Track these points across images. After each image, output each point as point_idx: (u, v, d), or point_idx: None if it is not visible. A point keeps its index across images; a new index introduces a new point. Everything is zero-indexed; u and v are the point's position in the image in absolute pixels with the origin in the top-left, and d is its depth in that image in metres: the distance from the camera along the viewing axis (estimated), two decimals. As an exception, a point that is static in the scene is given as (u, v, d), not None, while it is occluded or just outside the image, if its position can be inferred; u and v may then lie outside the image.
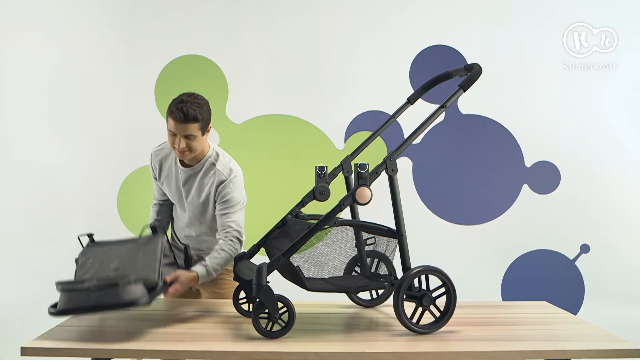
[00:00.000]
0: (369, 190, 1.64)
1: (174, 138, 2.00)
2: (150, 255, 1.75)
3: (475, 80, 1.74)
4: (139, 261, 1.73)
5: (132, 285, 1.59)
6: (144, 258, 1.74)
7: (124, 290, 1.56)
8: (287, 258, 1.59)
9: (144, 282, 1.64)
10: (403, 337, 1.62)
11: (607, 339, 1.66)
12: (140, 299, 1.58)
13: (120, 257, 1.76)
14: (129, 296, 1.56)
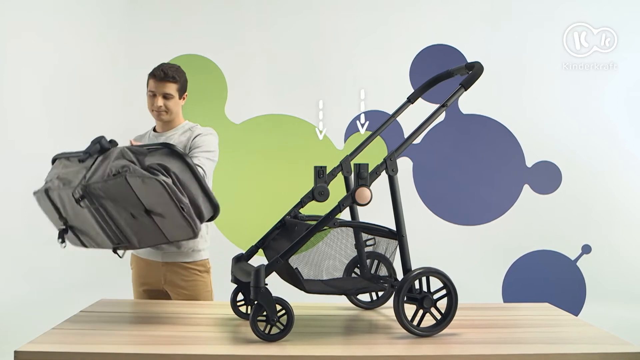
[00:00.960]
0: (369, 190, 1.62)
1: (153, 99, 2.20)
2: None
3: (477, 78, 1.71)
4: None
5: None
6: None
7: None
8: (285, 260, 1.56)
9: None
10: (404, 340, 1.60)
11: (611, 341, 1.63)
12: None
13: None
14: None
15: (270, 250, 1.79)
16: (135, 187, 1.61)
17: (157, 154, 1.72)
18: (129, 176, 1.60)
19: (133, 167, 1.63)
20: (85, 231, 1.81)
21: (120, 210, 1.67)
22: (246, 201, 3.54)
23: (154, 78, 2.22)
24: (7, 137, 3.73)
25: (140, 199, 1.63)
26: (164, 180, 1.62)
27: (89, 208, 1.68)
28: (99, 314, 1.83)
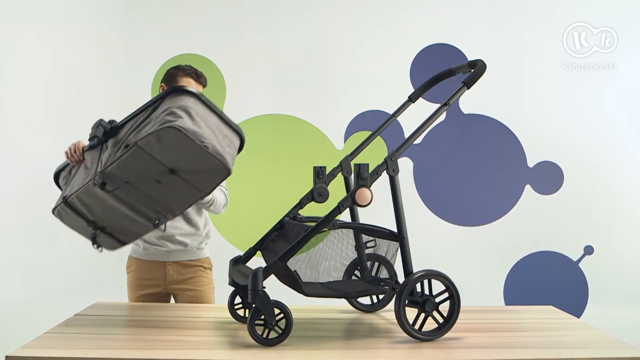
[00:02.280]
0: (369, 191, 1.59)
1: None
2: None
3: (480, 77, 1.68)
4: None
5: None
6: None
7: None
8: (284, 262, 1.53)
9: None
10: (405, 344, 1.57)
11: (616, 345, 1.60)
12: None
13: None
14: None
15: (269, 252, 1.76)
16: (151, 149, 1.51)
17: (164, 104, 1.62)
18: (140, 143, 1.51)
19: (138, 134, 1.56)
20: (119, 225, 1.71)
21: (146, 183, 1.59)
22: (244, 202, 3.51)
23: (192, 78, 2.22)
24: (5, 137, 3.71)
25: (161, 160, 1.54)
26: (177, 125, 1.50)
27: (114, 192, 1.59)
28: (94, 317, 1.79)
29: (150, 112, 1.66)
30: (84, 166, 1.74)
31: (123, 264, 3.67)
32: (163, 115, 1.56)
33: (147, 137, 1.51)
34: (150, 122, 1.59)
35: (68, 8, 3.78)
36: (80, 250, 3.68)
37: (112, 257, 3.67)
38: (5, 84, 3.71)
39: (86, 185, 1.63)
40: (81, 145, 1.79)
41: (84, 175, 1.69)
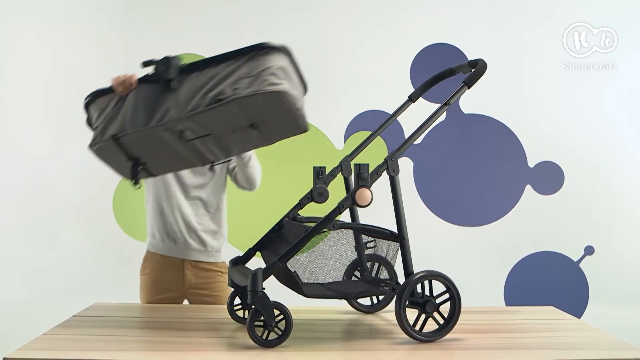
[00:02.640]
0: (370, 191, 1.58)
1: None
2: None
3: (480, 76, 1.67)
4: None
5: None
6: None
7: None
8: (283, 263, 1.52)
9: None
10: (405, 345, 1.56)
11: (617, 346, 1.59)
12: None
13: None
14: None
15: (268, 253, 1.75)
16: (247, 106, 1.51)
17: (259, 59, 1.56)
18: (239, 99, 1.48)
19: (235, 87, 1.50)
20: (167, 162, 1.71)
21: (223, 133, 1.60)
22: (244, 202, 3.49)
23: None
24: (5, 137, 3.70)
25: (251, 116, 1.55)
26: (283, 89, 1.50)
27: (190, 140, 1.58)
28: (92, 318, 1.78)
29: (240, 63, 1.57)
30: (134, 99, 1.61)
31: (123, 264, 3.68)
32: (265, 74, 1.52)
33: (251, 96, 1.48)
34: (247, 77, 1.53)
35: (68, 8, 3.77)
36: (80, 250, 3.70)
37: (112, 258, 3.69)
38: (5, 84, 3.70)
39: (153, 129, 1.55)
40: (135, 78, 1.65)
41: (141, 113, 1.57)
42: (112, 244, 3.71)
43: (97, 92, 1.67)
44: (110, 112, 1.62)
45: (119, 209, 3.73)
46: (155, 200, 2.20)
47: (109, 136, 1.59)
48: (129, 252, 3.69)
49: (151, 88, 1.60)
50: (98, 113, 1.65)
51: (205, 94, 1.52)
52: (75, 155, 3.75)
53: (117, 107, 1.62)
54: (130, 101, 1.61)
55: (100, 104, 1.65)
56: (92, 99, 1.66)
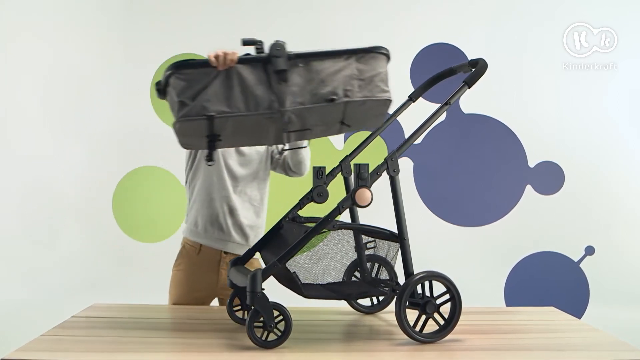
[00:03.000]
0: (370, 191, 1.57)
1: None
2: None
3: (481, 76, 1.66)
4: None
5: None
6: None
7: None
8: (283, 264, 1.51)
9: None
10: (405, 346, 1.55)
11: (619, 347, 1.58)
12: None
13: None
14: None
15: (268, 253, 1.74)
16: (352, 107, 1.55)
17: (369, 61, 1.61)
18: (350, 102, 1.53)
19: (347, 88, 1.54)
20: (239, 137, 1.70)
21: (316, 124, 1.63)
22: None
23: None
24: (5, 137, 3.70)
25: (350, 114, 1.59)
26: (390, 97, 1.57)
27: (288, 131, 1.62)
28: (91, 319, 1.77)
29: (349, 62, 1.61)
30: (236, 80, 1.53)
31: (123, 265, 3.68)
32: (377, 80, 1.58)
33: (362, 100, 1.54)
34: (357, 79, 1.57)
35: (68, 8, 3.76)
36: (80, 250, 3.69)
37: (111, 258, 3.68)
38: (5, 84, 3.70)
39: (257, 115, 1.52)
40: (237, 56, 1.57)
41: (243, 97, 1.52)
42: (111, 244, 3.70)
43: (185, 63, 1.53)
44: (203, 87, 1.52)
45: (118, 209, 3.72)
46: (204, 189, 2.11)
47: (206, 115, 1.50)
48: (128, 252, 3.70)
49: (254, 71, 1.55)
50: (184, 85, 1.51)
51: (316, 90, 1.54)
52: (75, 155, 3.75)
53: (213, 84, 1.52)
54: (227, 80, 1.53)
55: (189, 76, 1.52)
56: (177, 69, 1.52)
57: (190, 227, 2.16)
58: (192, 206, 2.16)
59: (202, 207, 2.12)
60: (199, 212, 2.12)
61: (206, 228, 2.11)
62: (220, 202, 2.09)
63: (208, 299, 2.18)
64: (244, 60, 1.55)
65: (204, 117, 1.49)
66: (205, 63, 1.53)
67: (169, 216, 3.65)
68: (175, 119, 1.51)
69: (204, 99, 1.50)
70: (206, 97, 1.50)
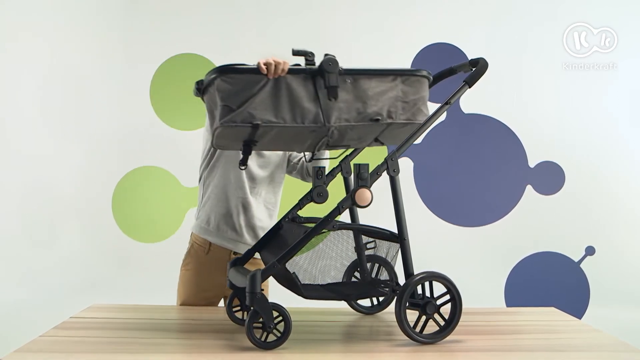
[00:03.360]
0: (370, 191, 1.56)
1: None
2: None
3: (482, 75, 1.66)
4: None
5: None
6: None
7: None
8: (282, 264, 1.50)
9: None
10: (406, 347, 1.54)
11: (620, 348, 1.57)
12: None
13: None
14: None
15: (267, 254, 1.73)
16: (391, 128, 1.61)
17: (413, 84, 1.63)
18: (391, 123, 1.58)
19: (391, 110, 1.58)
20: (274, 145, 1.71)
21: (354, 139, 1.66)
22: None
23: None
24: (4, 137, 3.69)
25: (386, 133, 1.64)
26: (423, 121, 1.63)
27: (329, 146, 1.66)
28: (89, 320, 1.77)
29: (396, 83, 1.61)
30: (284, 90, 1.52)
31: (122, 265, 3.68)
32: (420, 103, 1.63)
33: (405, 122, 1.60)
34: (401, 101, 1.60)
35: (67, 8, 3.76)
36: (80, 250, 3.69)
37: (111, 258, 3.68)
38: (5, 84, 3.70)
39: (302, 127, 1.53)
40: (288, 66, 1.55)
41: (289, 107, 1.52)
42: (111, 245, 3.70)
43: (233, 68, 1.51)
44: (251, 95, 1.50)
45: (118, 209, 3.72)
46: (220, 188, 2.06)
47: (252, 123, 1.49)
48: (127, 252, 3.69)
49: (303, 83, 1.55)
50: (231, 90, 1.50)
51: (362, 109, 1.57)
52: (75, 155, 3.74)
53: (261, 93, 1.51)
54: (276, 90, 1.52)
55: (237, 82, 1.50)
56: (224, 73, 1.50)
57: (201, 224, 2.11)
58: (204, 203, 2.11)
59: (216, 205, 2.07)
60: (212, 209, 2.08)
61: (219, 226, 2.07)
62: (235, 201, 2.05)
63: (216, 299, 2.15)
64: (293, 71, 1.55)
65: (250, 125, 1.49)
66: (255, 70, 1.52)
67: (168, 216, 3.65)
68: (218, 122, 1.50)
69: (251, 106, 1.50)
70: (253, 105, 1.50)
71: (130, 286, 3.45)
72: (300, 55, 1.58)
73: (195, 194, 2.25)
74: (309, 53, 1.58)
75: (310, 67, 1.56)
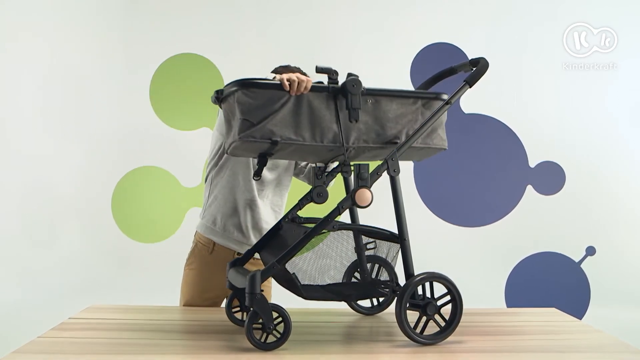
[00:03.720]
0: (370, 192, 1.55)
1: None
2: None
3: (482, 75, 1.65)
4: None
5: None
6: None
7: None
8: (282, 265, 1.49)
9: None
10: (406, 348, 1.53)
11: (622, 349, 1.56)
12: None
13: None
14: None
15: (267, 254, 1.72)
16: (409, 151, 1.64)
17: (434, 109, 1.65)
18: (411, 148, 1.61)
19: (410, 133, 1.61)
20: (289, 157, 1.74)
21: (368, 157, 1.69)
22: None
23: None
24: (4, 137, 3.69)
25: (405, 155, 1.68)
26: (446, 146, 1.67)
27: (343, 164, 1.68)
28: (88, 320, 1.76)
29: (417, 107, 1.63)
30: (305, 108, 1.52)
31: (122, 266, 3.67)
32: (439, 128, 1.67)
33: (421, 148, 1.64)
34: (420, 124, 1.62)
35: (67, 8, 3.75)
36: (80, 250, 3.68)
37: (111, 259, 3.67)
38: (4, 85, 3.69)
39: (321, 146, 1.53)
40: (310, 84, 1.57)
41: (309, 126, 1.51)
42: (110, 245, 3.69)
43: (255, 83, 1.52)
44: (273, 111, 1.50)
45: (117, 209, 3.71)
46: (228, 189, 2.06)
47: (271, 140, 1.50)
48: (127, 253, 3.68)
49: (325, 102, 1.55)
50: (252, 104, 1.49)
51: (381, 131, 1.59)
52: (74, 155, 3.73)
53: (283, 109, 1.51)
54: (297, 107, 1.53)
55: (259, 97, 1.50)
56: (246, 87, 1.50)
57: (207, 224, 2.10)
58: (210, 203, 2.10)
59: (223, 206, 2.06)
60: (218, 210, 2.07)
61: (225, 227, 2.06)
62: (243, 203, 2.05)
63: (220, 299, 2.14)
64: (316, 89, 1.56)
65: (269, 141, 1.50)
66: (277, 86, 1.52)
67: (168, 216, 3.64)
68: (236, 136, 1.50)
69: (272, 123, 1.50)
70: (274, 121, 1.50)
71: (130, 286, 3.45)
72: (324, 73, 1.58)
73: (195, 194, 2.24)
74: (333, 71, 1.58)
75: (333, 86, 1.56)
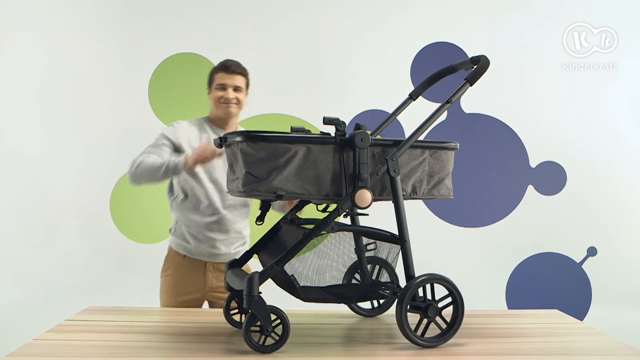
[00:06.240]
0: (370, 192, 1.53)
1: (223, 92, 2.18)
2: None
3: (483, 73, 1.63)
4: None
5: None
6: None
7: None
8: (280, 266, 1.47)
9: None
10: (406, 350, 1.51)
11: (625, 352, 1.55)
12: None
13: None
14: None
15: (265, 256, 1.70)
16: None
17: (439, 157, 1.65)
18: (418, 196, 1.64)
19: (419, 189, 1.64)
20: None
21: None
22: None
23: (225, 71, 2.19)
24: (1, 138, 3.67)
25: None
26: (452, 195, 1.69)
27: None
28: (85, 322, 1.74)
29: (424, 157, 1.63)
30: (312, 161, 1.50)
31: (120, 267, 3.65)
32: (446, 179, 1.66)
33: (428, 198, 1.66)
34: (427, 176, 1.63)
35: (65, 8, 3.73)
36: (78, 251, 3.66)
37: (109, 260, 3.65)
38: (2, 85, 3.67)
39: (325, 198, 1.53)
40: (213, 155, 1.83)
41: (315, 179, 1.50)
42: (109, 246, 3.67)
43: (261, 136, 1.48)
44: (278, 167, 1.47)
45: (116, 210, 3.69)
46: (190, 209, 2.20)
47: (275, 193, 1.48)
48: (125, 253, 3.66)
49: (332, 155, 1.52)
50: (257, 158, 1.46)
51: (387, 185, 1.57)
52: (72, 156, 3.72)
53: (289, 165, 1.48)
54: (304, 162, 1.49)
55: (265, 151, 1.47)
56: (252, 140, 1.47)
57: (178, 241, 2.22)
58: (180, 223, 2.22)
59: (190, 227, 2.18)
60: (187, 229, 2.19)
61: (197, 246, 2.18)
62: (209, 218, 2.14)
63: (197, 302, 2.20)
64: (323, 141, 1.51)
65: (274, 194, 1.48)
66: (282, 139, 1.48)
67: (167, 217, 3.61)
68: (241, 187, 1.49)
69: (278, 179, 1.48)
70: (280, 177, 1.48)
71: (128, 287, 3.43)
72: (332, 125, 1.54)
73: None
74: (340, 122, 1.54)
75: (340, 138, 1.53)
